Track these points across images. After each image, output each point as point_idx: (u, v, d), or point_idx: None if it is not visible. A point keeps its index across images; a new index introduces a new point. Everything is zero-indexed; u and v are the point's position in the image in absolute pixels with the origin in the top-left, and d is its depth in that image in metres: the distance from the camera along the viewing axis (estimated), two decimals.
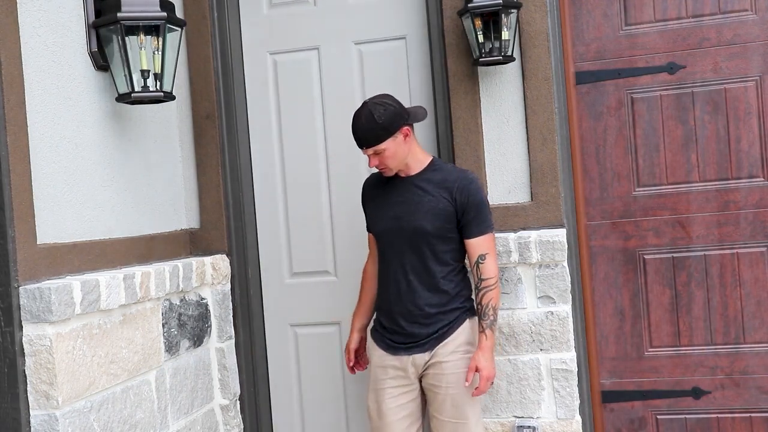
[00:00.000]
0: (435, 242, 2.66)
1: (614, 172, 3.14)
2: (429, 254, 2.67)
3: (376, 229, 2.78)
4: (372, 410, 2.77)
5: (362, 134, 2.62)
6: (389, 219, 2.70)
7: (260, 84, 3.41)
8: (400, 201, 2.70)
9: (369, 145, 2.62)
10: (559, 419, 3.01)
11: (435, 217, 2.65)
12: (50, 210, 2.48)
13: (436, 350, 2.67)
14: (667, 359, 3.12)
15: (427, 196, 2.67)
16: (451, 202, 2.65)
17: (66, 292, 2.31)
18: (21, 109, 2.34)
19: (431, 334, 2.67)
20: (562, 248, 2.97)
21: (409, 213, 2.67)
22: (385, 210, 2.73)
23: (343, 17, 3.32)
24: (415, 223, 2.65)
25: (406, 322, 2.69)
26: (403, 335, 2.70)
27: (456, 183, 2.66)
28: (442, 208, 2.65)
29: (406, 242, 2.67)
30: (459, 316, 2.70)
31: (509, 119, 3.08)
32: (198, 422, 3.07)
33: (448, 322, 2.68)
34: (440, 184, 2.67)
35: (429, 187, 2.68)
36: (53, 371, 2.27)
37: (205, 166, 3.32)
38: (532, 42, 3.04)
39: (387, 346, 2.74)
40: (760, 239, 3.02)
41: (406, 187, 2.71)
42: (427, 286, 2.67)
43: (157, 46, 2.70)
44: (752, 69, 3.01)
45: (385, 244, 2.74)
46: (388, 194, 2.74)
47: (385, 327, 2.76)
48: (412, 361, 2.69)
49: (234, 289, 3.35)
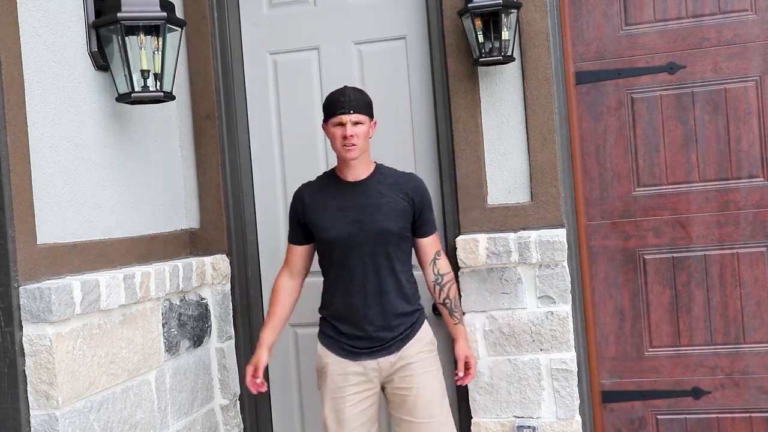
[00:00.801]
0: (398, 243, 2.67)
1: (614, 172, 3.14)
2: (393, 255, 2.66)
3: (330, 235, 2.66)
4: (330, 420, 2.69)
5: (355, 98, 2.61)
6: (349, 223, 2.64)
7: (260, 84, 3.41)
8: (357, 204, 2.66)
9: (357, 111, 2.61)
10: (559, 419, 3.01)
11: (397, 217, 2.65)
12: (50, 210, 2.48)
13: (402, 352, 2.66)
14: (667, 359, 3.12)
15: (384, 197, 2.66)
16: (408, 203, 2.68)
17: (66, 292, 2.31)
18: (21, 109, 2.34)
19: (396, 337, 2.67)
20: (562, 248, 2.97)
21: (370, 215, 2.64)
22: (340, 215, 2.66)
23: (343, 17, 3.32)
24: (378, 224, 2.63)
25: (372, 327, 2.65)
26: (367, 340, 2.66)
27: (409, 183, 2.71)
28: (402, 209, 2.66)
29: (368, 245, 2.63)
30: (419, 317, 2.74)
31: (509, 119, 3.08)
32: (198, 422, 3.07)
33: (411, 324, 2.70)
34: (394, 186, 2.69)
35: (384, 189, 2.68)
36: (53, 371, 2.27)
37: (205, 166, 3.32)
38: (532, 42, 3.04)
39: (346, 352, 2.69)
40: (760, 239, 3.02)
41: (361, 191, 2.68)
42: (393, 288, 2.67)
43: (157, 46, 2.70)
44: (752, 69, 3.01)
45: (341, 250, 2.66)
46: (340, 199, 2.68)
47: (343, 333, 2.70)
48: (377, 365, 2.66)
49: (234, 289, 3.35)
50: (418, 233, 2.74)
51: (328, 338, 2.74)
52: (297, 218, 2.77)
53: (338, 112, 2.61)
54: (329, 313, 2.76)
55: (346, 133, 2.60)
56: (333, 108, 2.63)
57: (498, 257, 3.00)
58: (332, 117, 2.63)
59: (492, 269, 3.04)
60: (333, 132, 2.64)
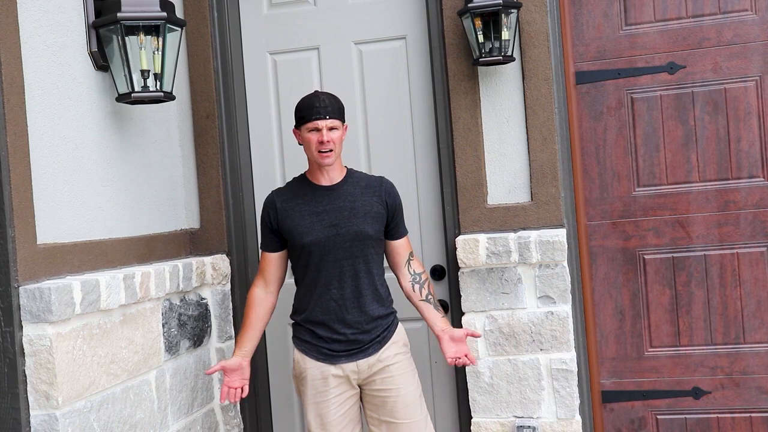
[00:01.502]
0: (374, 246, 2.69)
1: (614, 172, 3.14)
2: (369, 258, 2.68)
3: (307, 240, 2.65)
4: (314, 425, 2.71)
5: (329, 103, 2.63)
6: (324, 227, 2.65)
7: (260, 84, 3.41)
8: (332, 208, 2.67)
9: (333, 116, 2.62)
10: (559, 419, 3.01)
11: (373, 220, 2.67)
12: (50, 210, 2.48)
13: (380, 354, 2.68)
14: (667, 359, 3.12)
15: (358, 201, 2.68)
16: (382, 206, 2.71)
17: (66, 292, 2.31)
18: (21, 109, 2.34)
19: (373, 339, 2.69)
20: (562, 248, 2.97)
21: (346, 218, 2.65)
22: (315, 219, 2.66)
23: (343, 17, 3.32)
24: (354, 228, 2.64)
25: (350, 330, 2.67)
26: (345, 343, 2.67)
27: (382, 186, 2.73)
28: (377, 212, 2.69)
29: (345, 249, 2.65)
30: (394, 319, 2.77)
31: (509, 119, 3.08)
32: (198, 422, 3.07)
33: (387, 326, 2.72)
34: (366, 189, 2.71)
35: (357, 193, 2.69)
36: (53, 371, 2.27)
37: (205, 166, 3.32)
38: (532, 42, 3.04)
39: (325, 356, 2.69)
40: (760, 239, 3.03)
41: (336, 194, 2.69)
42: (370, 291, 2.68)
43: (157, 46, 2.70)
44: (752, 69, 3.01)
45: (317, 255, 2.66)
46: (315, 204, 2.68)
47: (320, 337, 2.70)
48: (355, 368, 2.68)
49: (234, 289, 3.35)
50: (391, 235, 2.77)
51: (305, 343, 2.74)
52: (270, 225, 2.75)
53: (314, 118, 2.61)
54: (304, 318, 2.74)
55: (323, 138, 2.61)
56: (308, 113, 2.63)
57: (498, 257, 3.00)
58: (307, 122, 2.63)
59: (492, 269, 3.04)
60: (307, 137, 2.65)
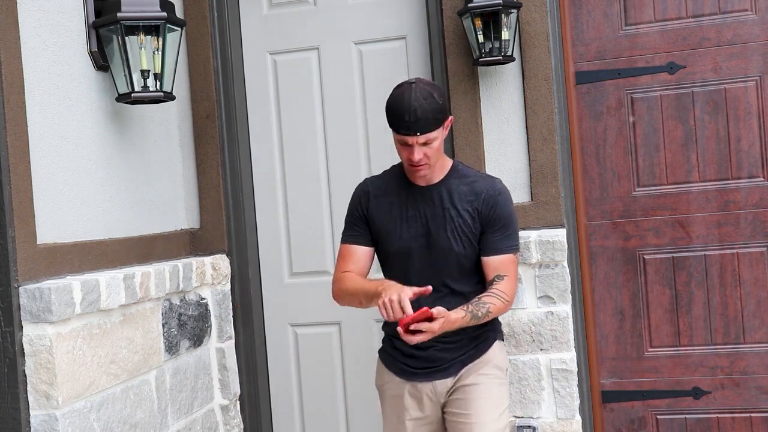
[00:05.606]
0: (464, 262, 2.35)
1: (614, 172, 3.14)
2: (457, 275, 2.35)
3: (391, 249, 2.38)
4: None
5: (422, 115, 2.17)
6: (411, 237, 2.35)
7: (260, 84, 3.41)
8: (422, 215, 2.36)
9: (426, 131, 2.20)
10: (559, 419, 3.01)
11: (464, 234, 2.33)
12: (50, 210, 2.48)
13: (461, 374, 2.38)
14: (667, 359, 3.12)
15: (453, 209, 2.34)
16: (476, 216, 2.34)
17: (66, 292, 2.31)
18: (21, 109, 2.34)
19: (455, 358, 2.38)
20: (562, 248, 2.97)
21: (434, 229, 2.34)
22: (404, 226, 2.37)
23: (343, 17, 3.32)
24: (442, 242, 2.33)
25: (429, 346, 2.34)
26: (422, 359, 2.38)
27: (483, 193, 2.34)
28: (470, 224, 2.34)
29: (431, 262, 2.35)
30: (488, 337, 2.43)
31: (509, 119, 3.08)
32: (198, 422, 3.07)
33: (476, 345, 2.40)
34: (466, 195, 2.35)
35: (455, 199, 2.35)
36: (53, 371, 2.27)
37: (205, 166, 3.32)
38: (532, 42, 3.04)
39: (400, 371, 2.43)
40: (760, 239, 3.02)
41: (429, 198, 2.36)
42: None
43: (157, 46, 2.70)
44: (752, 69, 3.01)
45: (401, 263, 2.38)
46: (405, 206, 2.38)
47: (398, 349, 2.42)
48: (432, 388, 2.39)
49: (234, 289, 3.35)
50: (482, 250, 2.36)
51: (386, 354, 2.49)
52: (362, 213, 2.43)
53: (402, 132, 2.23)
54: (389, 328, 2.45)
55: (413, 157, 2.24)
56: (395, 124, 2.24)
57: None
58: (396, 132, 2.26)
59: None
60: (398, 146, 2.30)
